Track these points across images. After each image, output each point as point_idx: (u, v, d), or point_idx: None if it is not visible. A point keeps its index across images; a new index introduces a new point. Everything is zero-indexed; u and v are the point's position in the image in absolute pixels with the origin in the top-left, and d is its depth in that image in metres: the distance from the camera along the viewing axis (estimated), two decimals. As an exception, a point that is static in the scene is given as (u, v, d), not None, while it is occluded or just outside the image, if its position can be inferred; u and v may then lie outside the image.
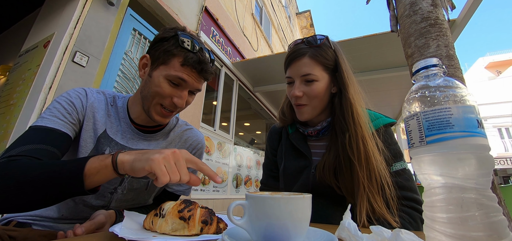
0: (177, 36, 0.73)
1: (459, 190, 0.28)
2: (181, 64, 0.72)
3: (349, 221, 0.39)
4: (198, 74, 0.76)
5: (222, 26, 4.27)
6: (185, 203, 0.50)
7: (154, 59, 0.75)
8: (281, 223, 0.34)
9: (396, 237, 0.32)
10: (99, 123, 0.75)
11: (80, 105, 0.73)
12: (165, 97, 0.73)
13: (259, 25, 6.39)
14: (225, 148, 4.14)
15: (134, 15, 2.66)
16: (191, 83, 0.75)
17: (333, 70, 0.80)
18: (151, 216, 0.50)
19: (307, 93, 0.78)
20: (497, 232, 0.26)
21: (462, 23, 2.84)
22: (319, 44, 0.79)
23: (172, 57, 0.73)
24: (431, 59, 0.34)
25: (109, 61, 2.31)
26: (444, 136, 0.29)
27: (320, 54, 0.78)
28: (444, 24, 1.68)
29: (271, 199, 0.34)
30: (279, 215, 0.34)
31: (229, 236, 0.35)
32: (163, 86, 0.72)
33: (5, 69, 2.78)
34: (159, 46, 0.75)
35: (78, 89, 0.76)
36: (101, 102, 0.78)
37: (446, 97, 0.30)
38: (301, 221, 0.35)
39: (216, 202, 3.72)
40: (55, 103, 0.69)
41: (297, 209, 0.34)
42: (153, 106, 0.75)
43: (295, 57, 0.79)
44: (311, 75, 0.76)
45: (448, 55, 1.59)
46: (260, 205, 0.34)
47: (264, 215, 0.34)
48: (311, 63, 0.77)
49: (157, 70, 0.74)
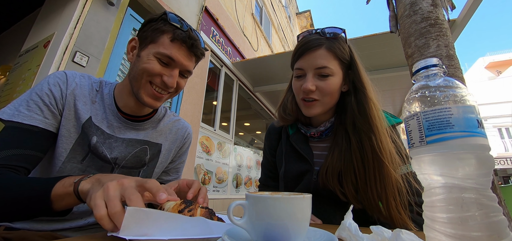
0: (165, 15, 0.72)
1: (459, 190, 0.28)
2: (170, 40, 0.69)
3: (350, 221, 0.39)
4: (188, 50, 0.72)
5: (222, 26, 4.27)
6: (186, 203, 0.50)
7: (142, 40, 0.72)
8: (281, 223, 0.34)
9: (396, 237, 0.32)
10: (82, 111, 0.70)
11: (58, 93, 0.67)
12: (154, 75, 0.69)
13: (259, 25, 6.39)
14: (225, 148, 4.14)
15: (134, 15, 2.66)
16: (181, 61, 0.71)
17: (347, 66, 0.76)
18: None
19: (320, 88, 0.72)
20: (497, 232, 0.26)
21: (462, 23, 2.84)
22: (336, 36, 0.74)
23: (160, 34, 0.70)
24: (431, 59, 0.34)
25: (109, 61, 2.31)
26: (444, 136, 0.29)
27: (337, 48, 0.73)
28: (444, 24, 1.68)
29: (271, 199, 0.34)
30: (279, 215, 0.34)
31: (229, 236, 0.35)
32: (152, 63, 0.69)
33: (5, 69, 2.78)
34: (147, 27, 0.72)
35: (58, 74, 0.70)
36: (84, 88, 0.73)
37: (446, 97, 0.30)
38: (301, 221, 0.35)
39: (216, 202, 3.72)
40: (33, 94, 0.64)
41: (297, 209, 0.34)
42: (142, 86, 0.70)
43: (310, 48, 0.73)
44: (327, 68, 0.71)
45: (448, 55, 1.59)
46: (261, 205, 0.34)
47: (264, 215, 0.34)
48: (328, 56, 0.72)
49: (146, 49, 0.71)
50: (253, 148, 5.58)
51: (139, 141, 0.78)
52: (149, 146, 0.80)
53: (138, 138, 0.78)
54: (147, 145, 0.80)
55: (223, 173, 4.00)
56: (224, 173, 4.03)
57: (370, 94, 0.73)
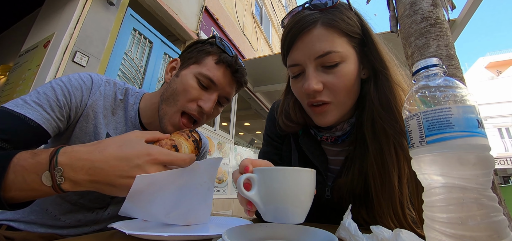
0: (214, 38, 0.68)
1: (459, 190, 0.28)
2: (215, 62, 0.65)
3: (350, 221, 0.39)
4: (232, 76, 0.68)
5: (222, 26, 4.27)
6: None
7: (184, 60, 0.68)
8: (288, 194, 0.36)
9: (396, 237, 0.32)
10: (101, 126, 0.64)
11: (78, 98, 0.61)
12: (190, 100, 0.63)
13: (259, 25, 6.39)
14: (225, 148, 4.14)
15: (134, 15, 2.66)
16: (222, 85, 0.66)
17: (360, 43, 0.55)
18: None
19: (329, 85, 0.52)
20: (497, 232, 0.26)
21: (462, 23, 2.84)
22: (333, 4, 0.53)
23: (206, 55, 0.66)
24: (431, 59, 0.34)
25: (109, 61, 2.31)
26: (445, 136, 0.29)
27: (340, 19, 0.52)
28: (444, 24, 1.68)
29: (278, 171, 0.36)
30: (285, 186, 0.36)
31: (229, 236, 0.35)
32: (190, 85, 0.63)
33: (5, 69, 2.78)
34: (193, 48, 0.69)
35: (84, 76, 0.64)
36: (108, 98, 0.67)
37: (446, 97, 0.30)
38: (307, 193, 0.37)
39: (216, 202, 3.72)
40: (49, 88, 0.57)
41: (304, 181, 0.37)
42: (171, 114, 0.63)
43: (300, 30, 0.52)
44: (333, 53, 0.50)
45: (448, 55, 1.59)
46: (268, 177, 0.37)
47: (271, 187, 0.36)
48: (329, 35, 0.51)
49: (187, 69, 0.65)
50: (253, 148, 5.58)
51: None
52: None
53: None
54: None
55: (223, 173, 4.00)
56: (224, 173, 4.03)
57: (396, 76, 0.54)
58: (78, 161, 0.40)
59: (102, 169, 0.41)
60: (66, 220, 0.65)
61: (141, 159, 0.42)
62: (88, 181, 0.41)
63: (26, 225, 0.63)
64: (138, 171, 0.41)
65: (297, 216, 0.38)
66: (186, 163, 0.45)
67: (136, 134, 0.46)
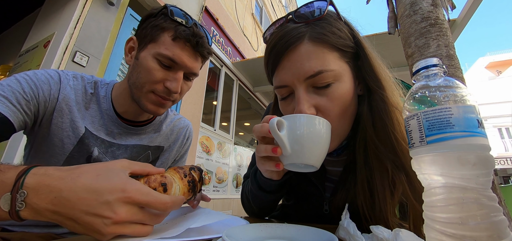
0: (166, 9, 0.63)
1: (459, 190, 0.28)
2: (172, 38, 0.61)
3: (348, 220, 0.39)
4: (193, 49, 0.63)
5: (222, 26, 4.27)
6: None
7: (141, 39, 0.64)
8: (314, 139, 0.42)
9: (396, 237, 0.32)
10: (78, 120, 0.62)
11: (46, 92, 0.58)
12: (156, 82, 0.62)
13: (259, 25, 6.39)
14: (225, 148, 4.14)
15: (134, 15, 2.66)
16: (185, 63, 0.62)
17: (353, 56, 0.49)
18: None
19: (323, 109, 0.46)
20: (497, 232, 0.26)
21: (462, 23, 2.84)
22: (321, 15, 0.47)
23: (161, 32, 0.61)
24: (432, 59, 0.34)
25: (109, 61, 2.31)
26: (445, 136, 0.29)
27: (329, 31, 0.46)
28: (444, 24, 1.68)
29: (306, 118, 0.43)
30: (313, 131, 0.42)
31: (229, 236, 0.35)
32: (152, 68, 0.60)
33: (5, 69, 2.78)
34: (146, 23, 0.64)
35: (51, 71, 0.61)
36: (78, 92, 0.64)
37: (446, 97, 0.30)
38: (328, 141, 0.44)
39: (216, 202, 3.72)
40: (14, 79, 0.54)
41: (326, 129, 0.43)
42: (144, 95, 0.63)
43: (286, 47, 0.46)
44: (324, 72, 0.44)
45: (448, 55, 1.59)
46: (298, 121, 0.42)
47: (301, 130, 0.42)
48: (317, 51, 0.45)
49: (145, 50, 0.62)
50: (253, 148, 5.58)
51: (142, 146, 0.74)
52: (151, 151, 0.77)
53: (141, 143, 0.74)
54: (150, 150, 0.77)
55: (223, 173, 4.00)
56: (224, 173, 4.03)
57: (392, 97, 0.48)
58: (45, 187, 0.34)
59: (68, 201, 0.33)
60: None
61: (112, 195, 0.34)
62: (50, 211, 0.34)
63: (21, 228, 0.62)
64: (105, 209, 0.33)
65: (317, 161, 0.43)
66: (166, 207, 0.37)
67: (123, 163, 0.39)
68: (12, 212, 0.33)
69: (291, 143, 0.42)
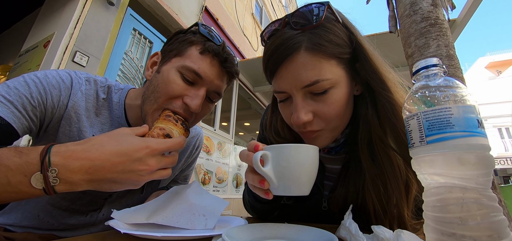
0: (196, 26, 0.61)
1: (459, 190, 0.28)
2: (200, 52, 0.57)
3: (350, 220, 0.39)
4: (221, 65, 0.59)
5: (222, 26, 4.27)
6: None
7: (166, 53, 0.60)
8: (300, 168, 0.41)
9: (397, 237, 0.32)
10: (86, 129, 0.59)
11: (55, 98, 0.55)
12: (173, 97, 0.56)
13: (259, 25, 6.39)
14: (225, 148, 4.14)
15: (134, 15, 2.66)
16: (210, 78, 0.57)
17: (350, 60, 0.50)
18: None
19: (319, 114, 0.49)
20: (497, 232, 0.26)
21: (462, 23, 2.84)
22: (318, 21, 0.47)
23: (188, 46, 0.58)
24: (431, 59, 0.34)
25: (109, 61, 2.31)
26: (445, 136, 0.29)
27: (326, 40, 0.46)
28: (444, 24, 1.68)
29: (291, 148, 0.41)
30: (298, 162, 0.41)
31: (229, 236, 0.35)
32: (173, 80, 0.55)
33: (5, 69, 2.78)
34: (174, 39, 0.61)
35: (63, 74, 0.58)
36: (89, 98, 0.61)
37: (446, 97, 0.30)
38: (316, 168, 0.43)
39: (216, 202, 3.71)
40: (22, 81, 0.51)
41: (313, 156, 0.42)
42: (152, 113, 0.57)
43: (283, 57, 0.47)
44: (320, 82, 0.46)
45: (448, 55, 1.59)
46: (283, 153, 0.41)
47: (287, 162, 0.40)
48: (314, 61, 0.46)
49: (168, 63, 0.58)
50: (253, 148, 5.58)
51: None
52: None
53: None
54: None
55: (223, 173, 4.00)
56: (224, 173, 4.03)
57: (398, 98, 0.48)
58: (75, 161, 0.38)
59: (103, 167, 0.40)
60: (59, 226, 0.63)
61: (141, 152, 0.42)
62: (86, 180, 0.39)
63: (23, 229, 0.62)
64: (139, 164, 0.42)
65: (307, 189, 0.42)
66: (181, 145, 0.48)
67: (126, 130, 0.46)
68: (48, 189, 0.37)
69: (278, 177, 0.41)
